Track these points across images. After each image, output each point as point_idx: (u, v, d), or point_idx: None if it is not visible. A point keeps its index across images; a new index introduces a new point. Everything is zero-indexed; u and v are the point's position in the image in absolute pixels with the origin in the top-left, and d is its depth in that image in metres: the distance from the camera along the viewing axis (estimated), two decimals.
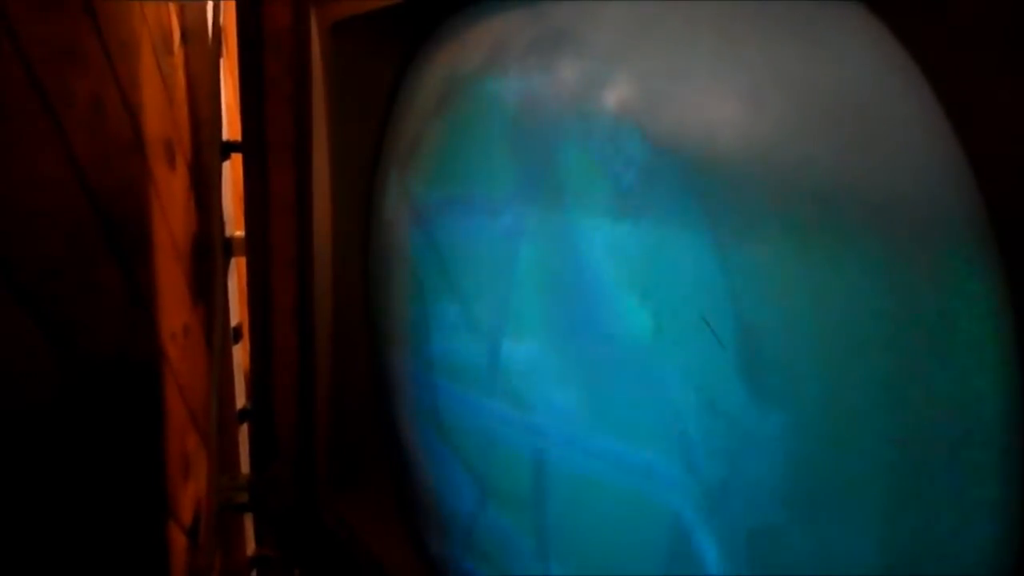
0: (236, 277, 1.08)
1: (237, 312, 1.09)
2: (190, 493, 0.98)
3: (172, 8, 0.93)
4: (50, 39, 0.58)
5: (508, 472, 0.52)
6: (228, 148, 1.04)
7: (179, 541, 0.93)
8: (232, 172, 1.06)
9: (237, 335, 1.10)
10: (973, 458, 0.31)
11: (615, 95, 0.43)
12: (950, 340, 0.31)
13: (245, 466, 1.12)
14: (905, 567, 0.33)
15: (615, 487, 0.43)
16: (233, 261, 1.07)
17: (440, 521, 0.64)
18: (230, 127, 1.05)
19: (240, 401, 1.12)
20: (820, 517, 0.35)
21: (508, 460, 0.53)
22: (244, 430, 1.13)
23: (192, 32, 1.02)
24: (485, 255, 0.52)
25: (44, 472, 0.57)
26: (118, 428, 0.73)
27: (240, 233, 1.04)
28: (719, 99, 0.39)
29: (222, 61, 1.04)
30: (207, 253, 1.07)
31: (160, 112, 0.88)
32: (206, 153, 1.07)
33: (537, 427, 0.49)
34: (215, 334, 1.02)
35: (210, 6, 1.01)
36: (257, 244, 0.78)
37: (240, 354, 1.11)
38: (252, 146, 0.76)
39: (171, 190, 0.92)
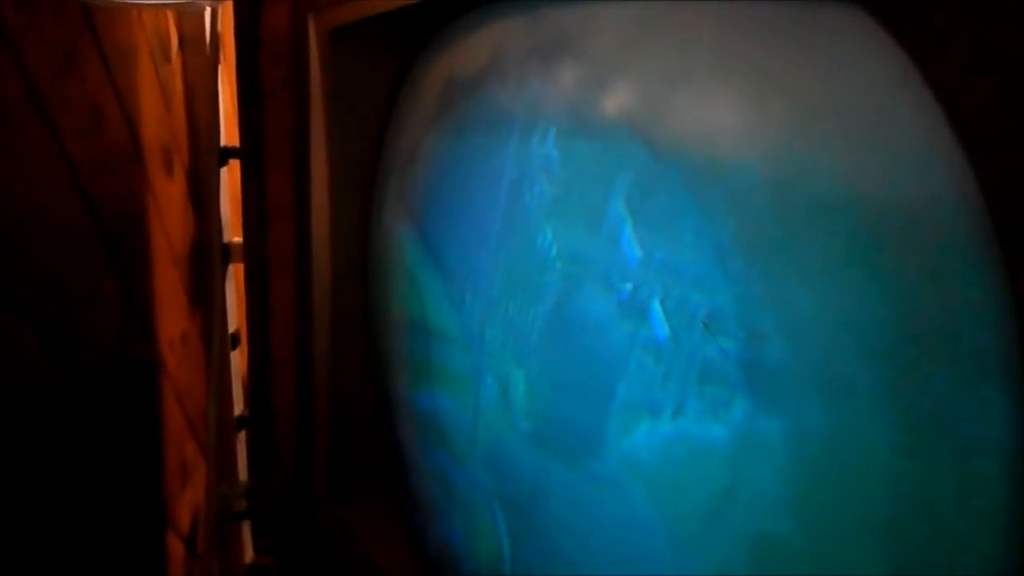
0: (234, 283, 1.08)
1: (235, 318, 1.08)
2: (188, 501, 0.98)
3: (170, 15, 0.92)
4: (48, 48, 0.58)
5: (509, 481, 0.52)
6: (226, 154, 1.04)
7: (177, 549, 0.92)
8: (230, 178, 1.06)
9: (235, 341, 1.10)
10: (978, 466, 0.31)
11: (615, 101, 0.43)
12: (954, 347, 0.31)
13: (243, 473, 1.11)
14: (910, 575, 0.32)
15: (617, 499, 0.43)
16: (231, 267, 1.06)
17: (441, 528, 0.64)
18: (228, 133, 1.05)
19: (238, 408, 1.11)
20: (824, 525, 0.35)
21: (508, 469, 0.53)
22: (242, 437, 1.12)
23: (190, 39, 1.02)
24: (485, 262, 0.52)
25: (42, 479, 0.57)
26: (116, 436, 0.73)
27: (238, 239, 1.03)
28: (720, 105, 0.39)
29: (220, 67, 1.04)
30: (205, 259, 1.07)
31: (158, 119, 0.87)
32: (204, 159, 1.07)
33: (536, 437, 0.49)
34: (213, 341, 1.02)
35: (208, 13, 1.01)
36: (255, 250, 0.78)
37: (238, 360, 1.11)
38: (250, 152, 0.76)
39: (169, 197, 0.92)
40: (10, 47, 0.52)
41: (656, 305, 0.39)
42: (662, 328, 0.39)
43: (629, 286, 0.41)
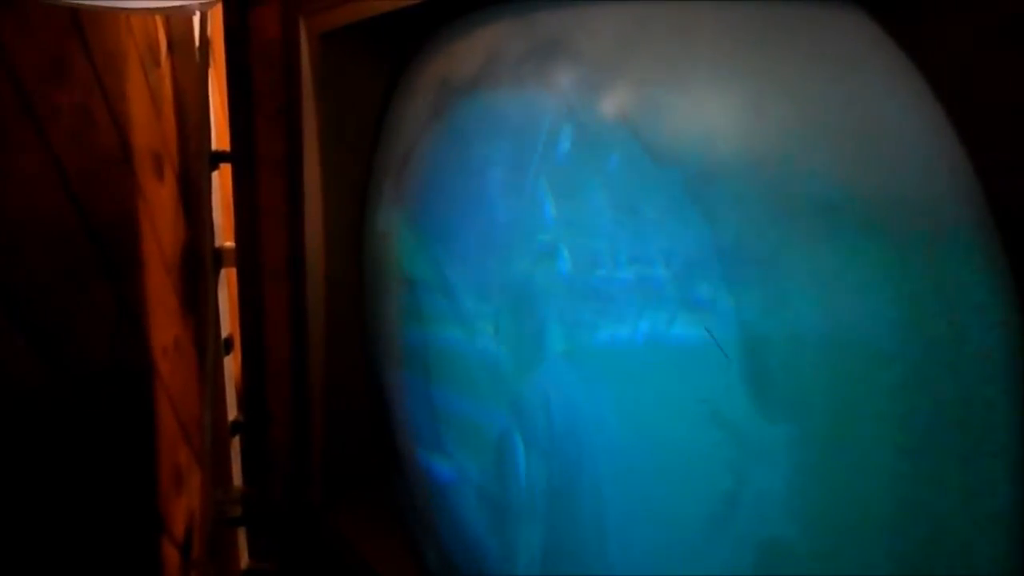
0: (226, 288, 1.07)
1: (228, 323, 1.08)
2: (182, 507, 0.97)
3: (158, 19, 0.92)
4: (37, 54, 0.58)
5: (509, 480, 0.52)
6: (217, 158, 1.03)
7: (172, 556, 0.92)
8: (221, 182, 1.06)
9: (228, 346, 1.09)
10: (984, 468, 0.30)
11: (612, 104, 0.43)
12: (959, 349, 0.31)
13: (238, 479, 1.11)
14: None
15: (620, 501, 0.43)
16: (223, 272, 1.06)
17: (439, 533, 0.64)
18: (218, 137, 1.05)
19: (232, 413, 1.11)
20: (829, 529, 0.34)
21: (509, 468, 0.52)
22: (236, 442, 1.12)
23: (179, 43, 1.02)
24: (482, 267, 0.52)
25: (35, 487, 0.57)
26: (110, 443, 0.72)
27: (230, 244, 1.03)
28: (719, 107, 0.39)
29: (210, 71, 1.03)
30: (197, 264, 1.06)
31: (148, 124, 0.87)
32: (194, 164, 1.06)
33: (538, 436, 0.49)
34: (207, 346, 1.01)
35: (197, 17, 1.00)
36: (247, 255, 0.78)
37: (231, 365, 1.10)
38: (241, 157, 0.75)
39: (160, 202, 0.92)
40: (0, 56, 0.51)
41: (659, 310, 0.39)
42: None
43: (635, 292, 0.40)
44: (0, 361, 0.51)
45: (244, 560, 1.16)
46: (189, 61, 1.04)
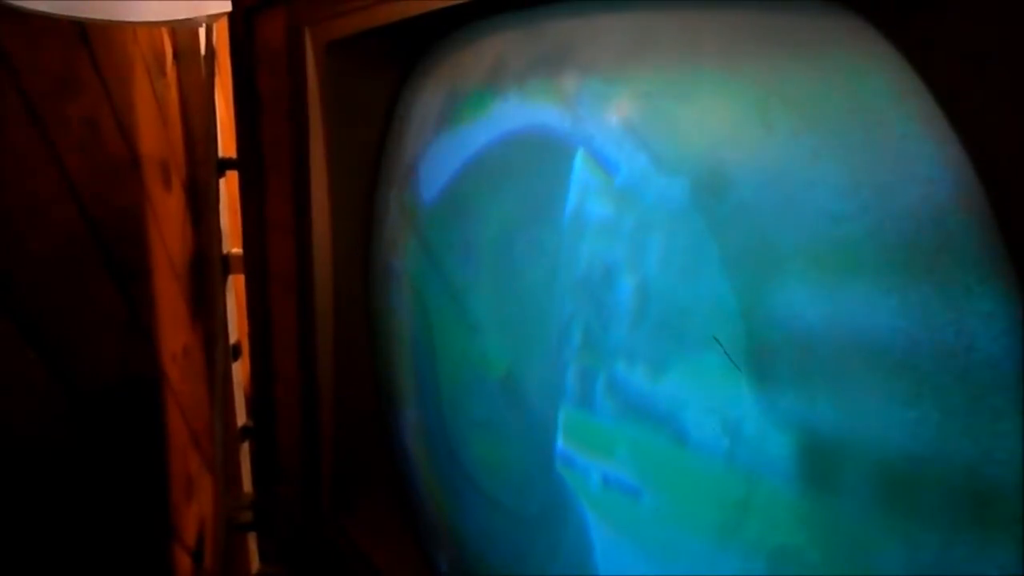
0: (234, 294, 1.08)
1: (235, 329, 1.09)
2: (193, 513, 0.98)
3: (164, 30, 0.92)
4: (46, 68, 0.58)
5: (519, 493, 0.52)
6: (223, 165, 1.04)
7: (184, 562, 0.92)
8: (228, 188, 1.06)
9: (236, 352, 1.10)
10: (993, 477, 0.31)
11: (619, 113, 0.43)
12: (966, 359, 0.31)
13: (248, 484, 1.11)
14: None
15: (633, 508, 0.43)
16: (231, 278, 1.06)
17: (449, 541, 0.64)
18: (225, 143, 1.05)
19: (241, 419, 1.11)
20: (839, 537, 0.35)
21: (519, 480, 0.53)
22: (246, 448, 1.13)
23: (185, 52, 1.02)
24: (488, 274, 0.52)
25: (48, 496, 0.57)
26: (121, 451, 0.73)
27: (237, 250, 1.03)
28: (724, 116, 0.39)
29: (215, 80, 1.04)
30: (205, 271, 1.07)
31: (155, 133, 0.87)
32: (201, 171, 1.07)
33: (547, 444, 0.49)
34: (216, 354, 1.02)
35: (203, 27, 1.00)
36: (255, 261, 0.78)
37: (240, 371, 1.11)
38: (248, 165, 0.76)
39: (167, 210, 0.92)
40: (8, 69, 0.52)
41: (665, 319, 0.39)
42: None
43: (642, 301, 0.41)
44: (10, 371, 0.52)
45: (255, 565, 1.16)
46: (195, 70, 1.04)
